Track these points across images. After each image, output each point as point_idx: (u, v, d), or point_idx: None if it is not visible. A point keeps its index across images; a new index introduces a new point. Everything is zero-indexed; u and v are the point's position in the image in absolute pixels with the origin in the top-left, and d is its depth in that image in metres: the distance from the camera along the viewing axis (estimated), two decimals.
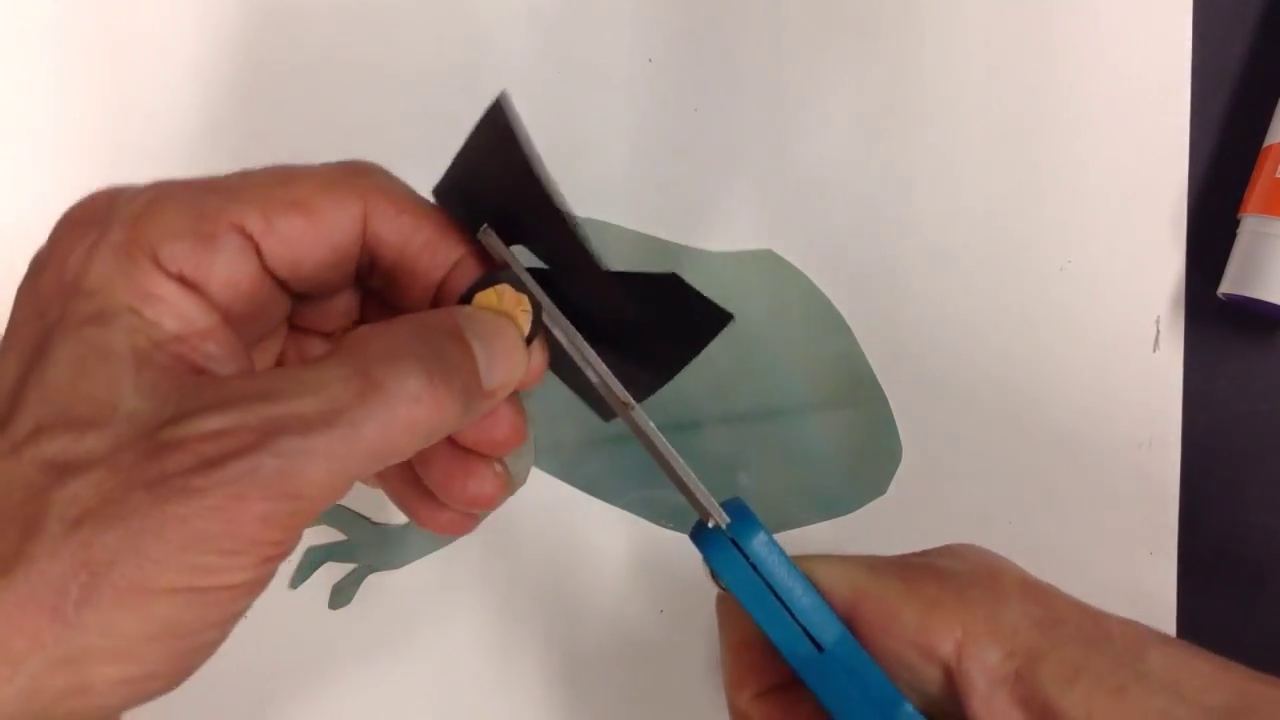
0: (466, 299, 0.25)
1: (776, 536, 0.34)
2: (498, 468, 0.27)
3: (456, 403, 0.22)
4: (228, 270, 0.22)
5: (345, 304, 0.26)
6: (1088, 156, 0.35)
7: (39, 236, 0.32)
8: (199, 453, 0.20)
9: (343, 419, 0.21)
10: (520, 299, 0.25)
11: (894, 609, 0.25)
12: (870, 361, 0.34)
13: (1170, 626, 0.34)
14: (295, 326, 0.26)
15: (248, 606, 0.22)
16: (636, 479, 0.34)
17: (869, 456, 0.34)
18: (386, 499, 0.34)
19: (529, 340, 0.25)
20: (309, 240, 0.23)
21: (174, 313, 0.22)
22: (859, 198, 0.35)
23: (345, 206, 0.24)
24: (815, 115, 0.35)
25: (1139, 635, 0.25)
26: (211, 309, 0.22)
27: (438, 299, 0.25)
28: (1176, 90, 0.35)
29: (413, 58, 0.35)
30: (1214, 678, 0.24)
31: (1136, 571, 0.34)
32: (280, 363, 0.25)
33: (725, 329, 0.28)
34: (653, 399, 0.34)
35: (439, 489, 0.26)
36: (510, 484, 0.27)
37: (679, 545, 0.34)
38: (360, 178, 0.24)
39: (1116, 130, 0.35)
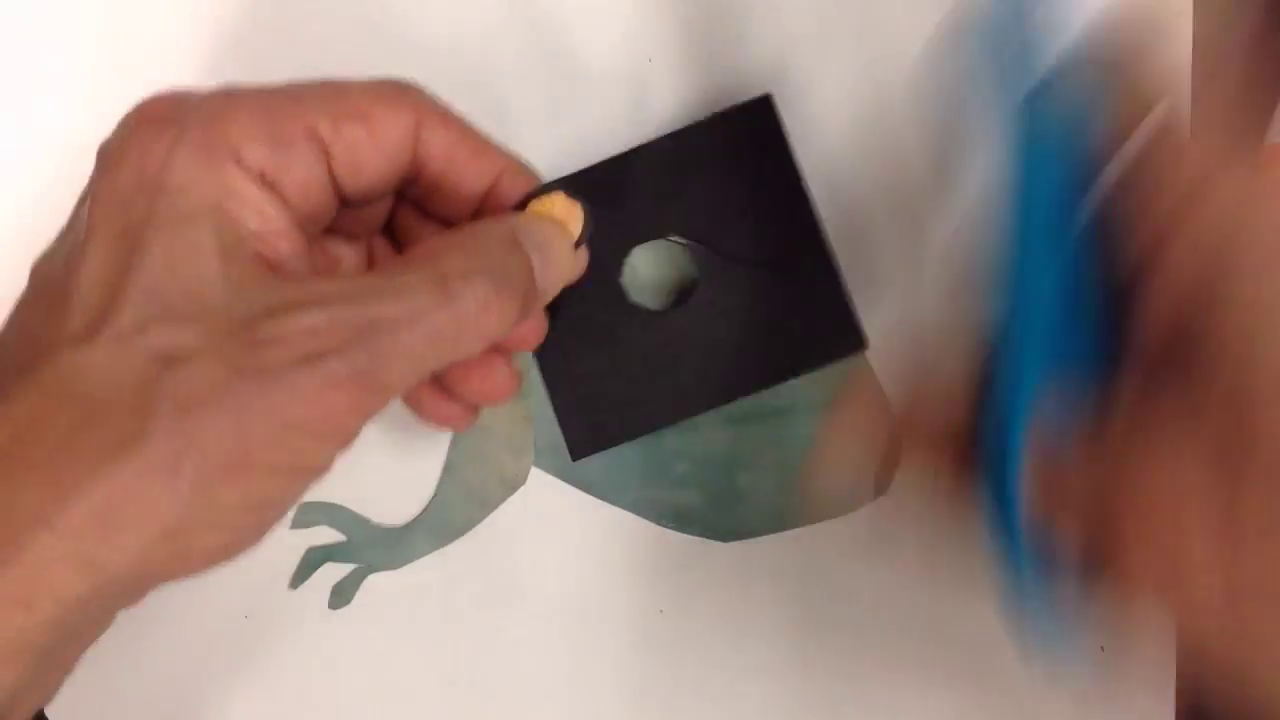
0: (521, 206, 0.28)
1: (776, 537, 0.34)
2: (515, 363, 0.29)
3: (517, 308, 0.25)
4: (303, 172, 0.25)
5: (376, 211, 0.29)
6: None
7: (38, 237, 0.32)
8: (299, 346, 0.22)
9: (423, 323, 0.23)
10: (572, 205, 0.28)
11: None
12: (870, 361, 0.34)
13: (1170, 626, 0.34)
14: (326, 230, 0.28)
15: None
16: (636, 479, 0.34)
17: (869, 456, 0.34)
18: (386, 499, 0.34)
19: (579, 244, 0.28)
20: (369, 148, 0.25)
21: (254, 210, 0.24)
22: (859, 198, 0.35)
23: (399, 117, 0.26)
24: (815, 115, 0.35)
25: None
26: (286, 209, 0.24)
27: (483, 208, 0.28)
28: (1176, 90, 0.35)
29: (413, 57, 0.35)
30: None
31: None
32: (309, 264, 0.26)
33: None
34: None
35: (458, 381, 0.28)
36: (520, 378, 0.29)
37: (679, 545, 0.34)
38: (409, 93, 0.26)
39: None
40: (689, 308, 0.33)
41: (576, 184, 0.29)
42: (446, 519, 0.34)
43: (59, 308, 0.23)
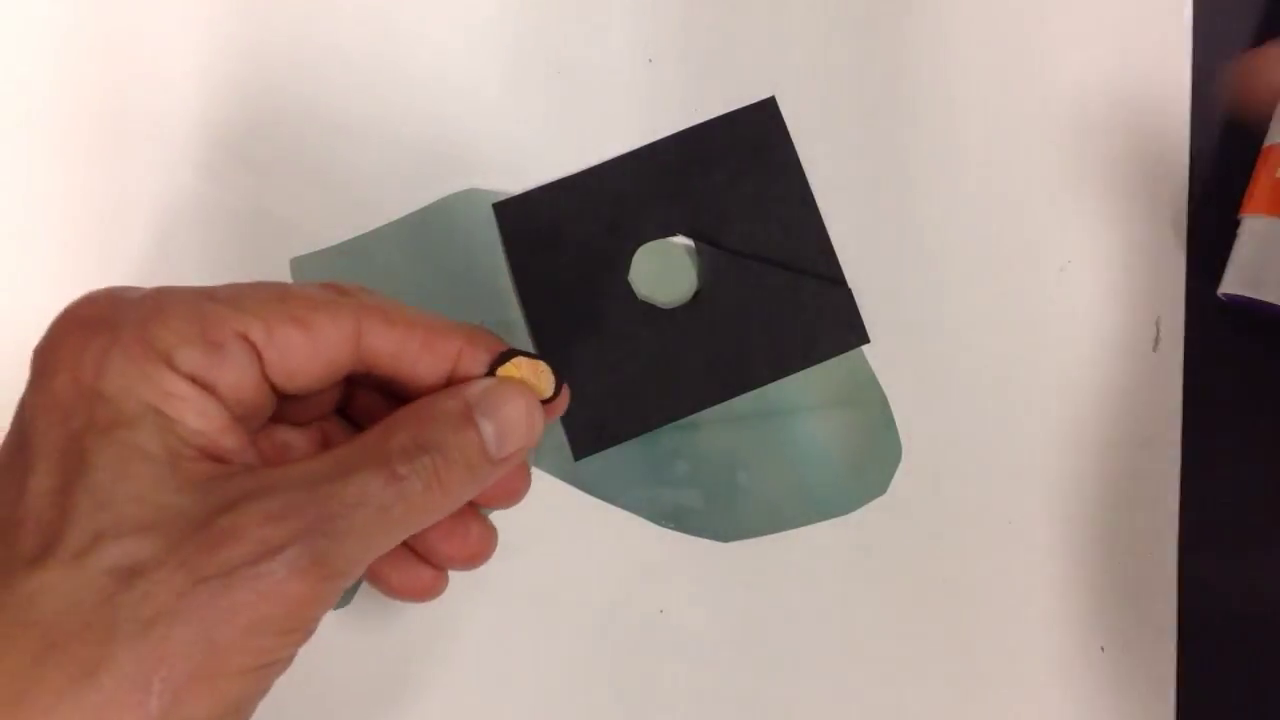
0: (490, 372, 0.27)
1: (776, 537, 0.34)
2: (488, 521, 0.29)
3: (467, 484, 0.25)
4: (235, 375, 0.24)
5: (324, 399, 0.28)
6: (1088, 157, 0.35)
7: (38, 236, 0.32)
8: (256, 539, 0.22)
9: (372, 505, 0.24)
10: (536, 364, 0.28)
11: None
12: (870, 361, 0.34)
13: (1170, 626, 0.34)
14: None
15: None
16: (636, 479, 0.34)
17: (869, 456, 0.34)
18: None
19: (550, 400, 0.28)
20: (305, 352, 0.25)
21: (194, 410, 0.24)
22: (858, 197, 0.35)
23: (339, 323, 0.25)
24: (815, 115, 0.35)
25: None
26: (223, 408, 0.24)
27: (446, 386, 0.27)
28: (1177, 90, 0.35)
29: (413, 57, 0.35)
30: None
31: (1136, 571, 0.34)
32: (255, 455, 0.26)
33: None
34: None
35: (427, 547, 0.28)
36: (495, 536, 0.29)
37: (679, 545, 0.34)
38: (350, 297, 0.26)
39: (1117, 130, 0.35)
40: (694, 305, 0.33)
41: (547, 343, 0.30)
42: None
43: (9, 530, 0.22)
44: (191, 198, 0.34)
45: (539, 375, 0.28)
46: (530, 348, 0.34)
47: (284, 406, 0.27)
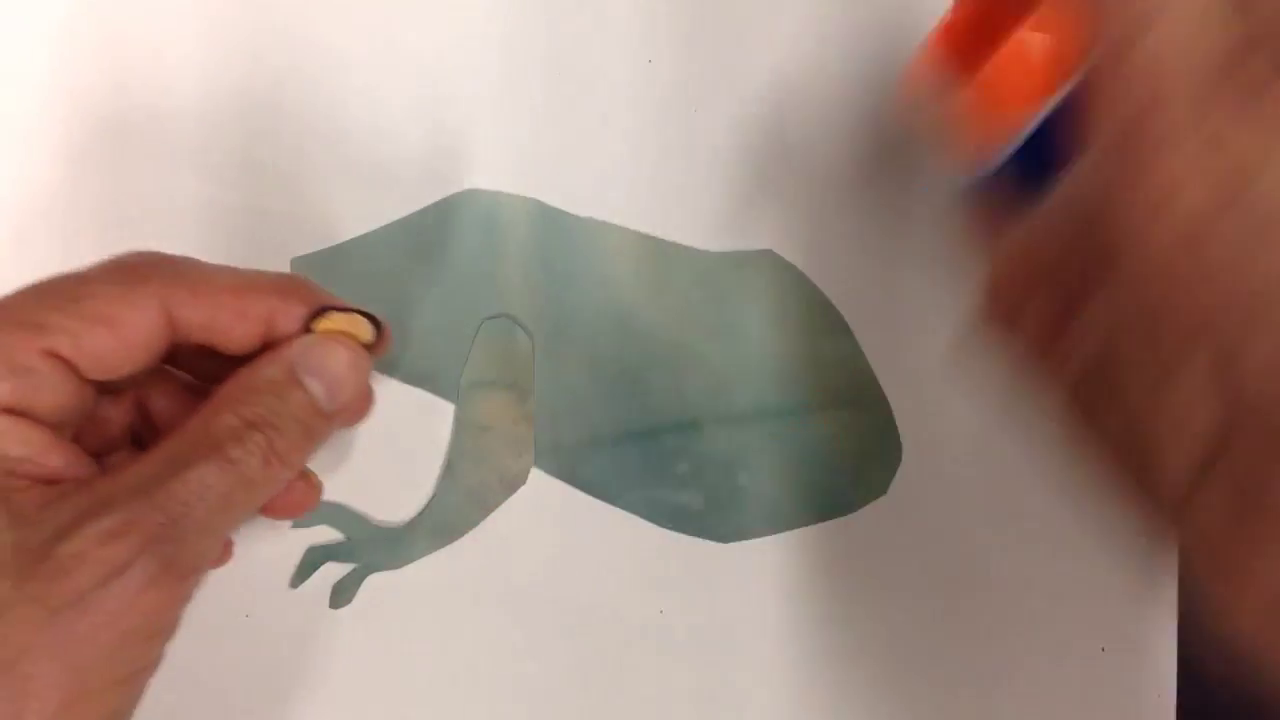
0: (307, 329, 0.27)
1: (776, 537, 0.34)
2: (312, 478, 0.29)
3: (304, 446, 0.26)
4: (49, 394, 0.24)
5: (123, 412, 0.28)
6: None
7: (38, 237, 0.32)
8: (103, 559, 0.22)
9: (211, 496, 0.23)
10: (352, 316, 0.27)
11: None
12: (870, 361, 0.34)
13: (1171, 617, 0.34)
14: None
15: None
16: (636, 479, 0.34)
17: (869, 457, 0.34)
18: (385, 499, 0.34)
19: (375, 348, 0.28)
20: (116, 348, 0.25)
21: (13, 441, 0.23)
22: (859, 198, 0.35)
23: (145, 311, 0.25)
24: (815, 115, 0.35)
25: None
26: (44, 427, 0.24)
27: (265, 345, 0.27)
28: None
29: (413, 57, 0.35)
30: None
31: (1138, 566, 0.34)
32: (87, 463, 0.25)
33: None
34: (654, 398, 0.35)
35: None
36: (320, 489, 0.29)
37: (679, 545, 0.34)
38: (151, 277, 0.25)
39: None
40: None
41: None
42: (446, 519, 0.34)
43: None
44: (191, 198, 0.34)
45: (356, 325, 0.27)
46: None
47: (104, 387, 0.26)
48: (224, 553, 0.29)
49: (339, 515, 0.34)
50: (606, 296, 0.34)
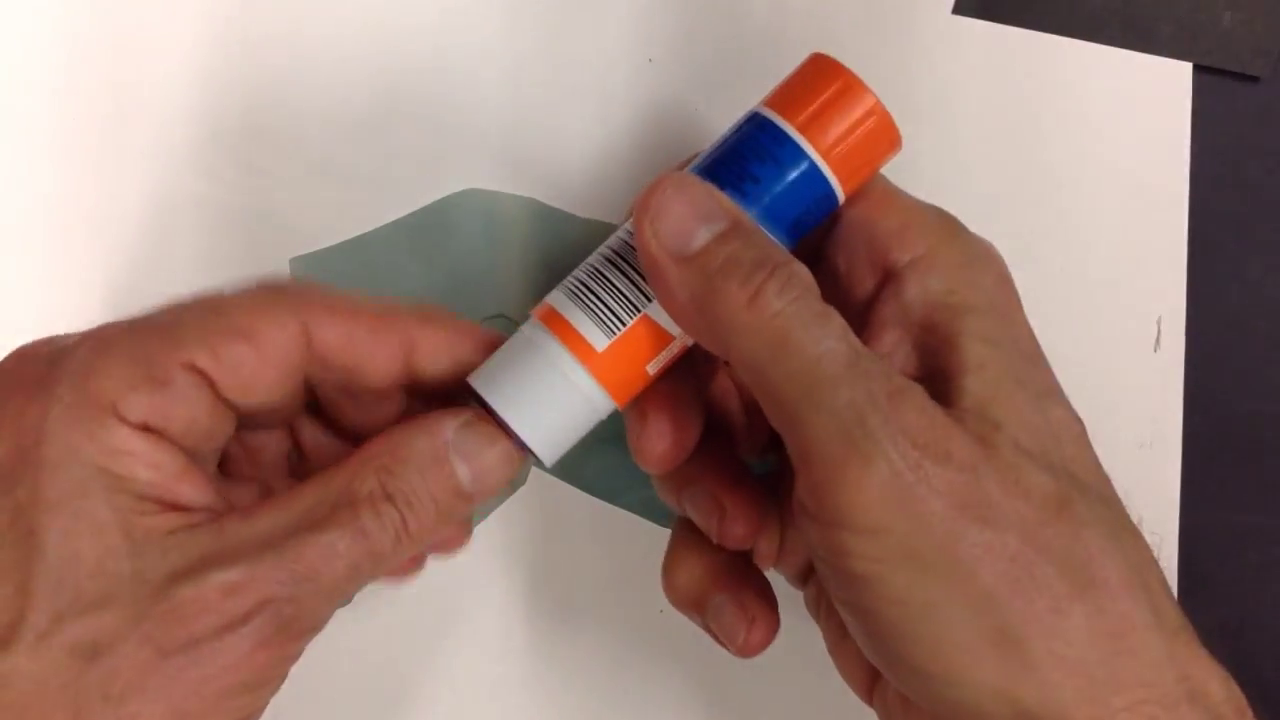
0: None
1: None
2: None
3: (437, 528, 0.25)
4: (187, 410, 0.23)
5: (289, 404, 0.26)
6: (1089, 156, 0.35)
7: (37, 237, 0.32)
8: (221, 610, 0.22)
9: (342, 563, 0.23)
10: None
11: (881, 210, 0.26)
12: None
13: None
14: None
15: None
16: (637, 479, 0.34)
17: None
18: None
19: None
20: (256, 365, 0.24)
21: (145, 463, 0.22)
22: None
23: (284, 324, 0.24)
24: None
25: (1054, 391, 0.25)
26: (178, 450, 0.23)
27: (405, 395, 0.26)
28: (1178, 88, 0.35)
29: (413, 57, 0.35)
30: (1078, 458, 0.24)
31: None
32: (215, 495, 0.25)
33: None
34: None
35: None
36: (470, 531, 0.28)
37: None
38: (288, 293, 0.25)
39: (1117, 130, 0.35)
40: None
41: None
42: None
43: None
44: (191, 198, 0.34)
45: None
46: None
47: (249, 418, 0.25)
48: (410, 566, 0.29)
49: None
50: None
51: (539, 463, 0.26)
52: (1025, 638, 0.21)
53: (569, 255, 0.34)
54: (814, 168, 0.25)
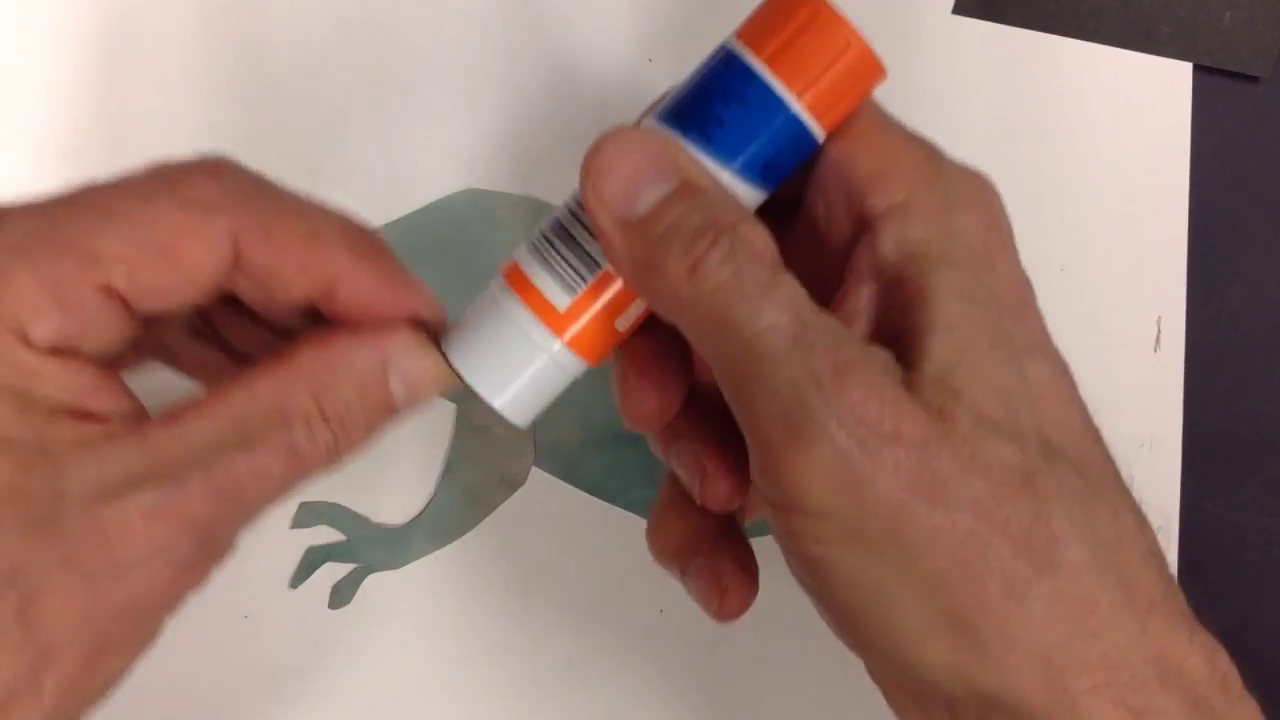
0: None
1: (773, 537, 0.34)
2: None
3: (365, 442, 0.24)
4: (100, 331, 0.22)
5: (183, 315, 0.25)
6: (1089, 156, 0.35)
7: None
8: (149, 536, 0.21)
9: (272, 482, 0.22)
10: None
11: (859, 149, 0.23)
12: None
13: None
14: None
15: None
16: (637, 479, 0.34)
17: None
18: (386, 499, 0.34)
19: None
20: (175, 282, 0.22)
21: (56, 383, 0.21)
22: None
23: (211, 247, 0.22)
24: None
25: (1037, 346, 0.23)
26: (89, 365, 0.22)
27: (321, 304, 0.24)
28: (1178, 88, 0.35)
29: (412, 57, 0.35)
30: (1058, 420, 0.22)
31: None
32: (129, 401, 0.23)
33: None
34: None
35: None
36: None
37: None
38: (226, 203, 0.23)
39: (1117, 130, 0.35)
40: None
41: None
42: (446, 520, 0.34)
43: None
44: None
45: None
46: None
47: (157, 319, 0.24)
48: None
49: (339, 515, 0.34)
50: None
51: (512, 425, 0.25)
52: (976, 622, 0.21)
53: None
54: (783, 107, 0.23)
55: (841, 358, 0.21)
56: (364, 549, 0.34)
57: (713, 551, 0.27)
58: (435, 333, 0.25)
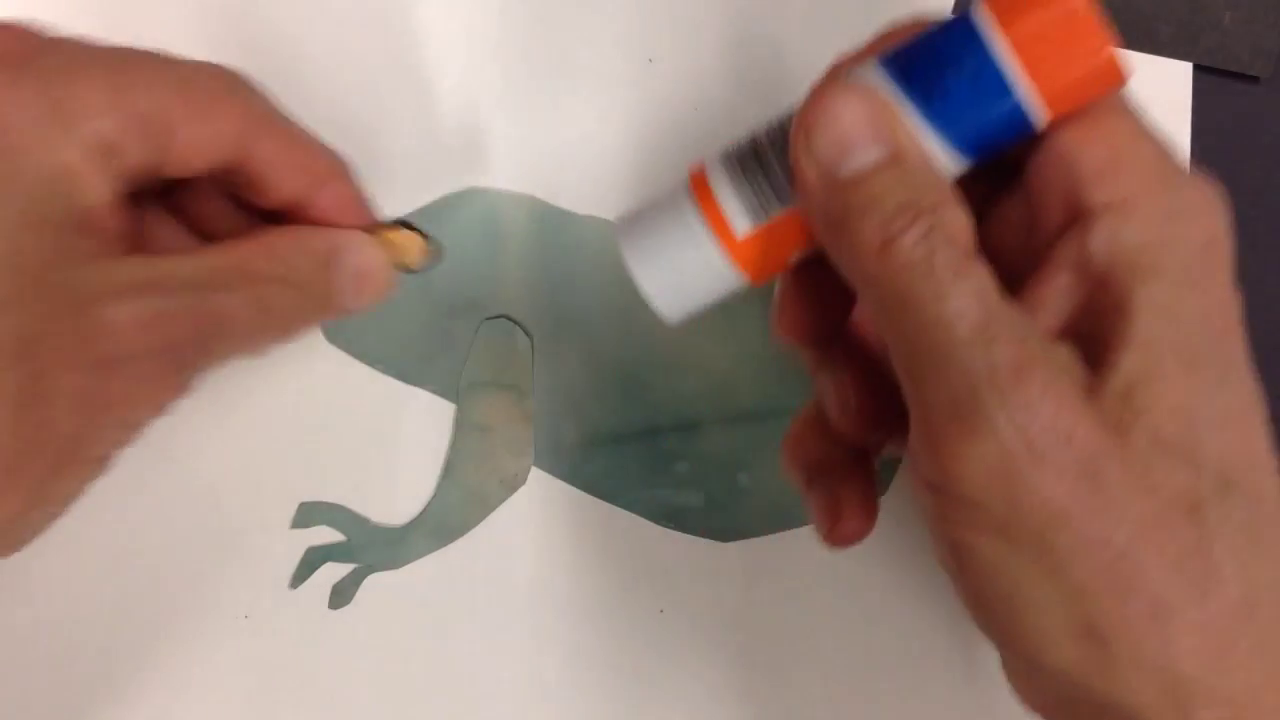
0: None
1: (775, 537, 0.34)
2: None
3: (309, 324, 0.28)
4: (140, 151, 0.24)
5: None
6: None
7: None
8: (134, 339, 0.23)
9: (239, 325, 0.25)
10: (412, 236, 0.29)
11: (1089, 137, 0.23)
12: None
13: None
14: None
15: None
16: (637, 479, 0.34)
17: None
18: (386, 500, 0.34)
19: (413, 269, 0.30)
20: (205, 138, 0.25)
21: (90, 185, 0.23)
22: None
23: (236, 113, 0.26)
24: None
25: (1235, 371, 0.23)
26: (119, 184, 0.24)
27: (297, 207, 0.28)
28: (1178, 88, 0.35)
29: (412, 57, 0.35)
30: (1241, 449, 0.22)
31: None
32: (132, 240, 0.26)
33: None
34: (654, 398, 0.35)
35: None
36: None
37: (679, 545, 0.34)
38: (246, 90, 0.27)
39: None
40: None
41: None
42: (446, 519, 0.34)
43: None
44: None
45: (411, 244, 0.29)
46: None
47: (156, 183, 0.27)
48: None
49: (339, 515, 0.34)
50: (606, 296, 0.34)
51: (665, 319, 0.26)
52: (1112, 637, 0.20)
53: (569, 255, 0.34)
54: (1015, 96, 0.22)
55: (1024, 354, 0.20)
56: (364, 549, 0.34)
57: (838, 476, 0.27)
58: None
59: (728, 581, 0.34)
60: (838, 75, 0.24)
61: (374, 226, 0.28)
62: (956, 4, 0.35)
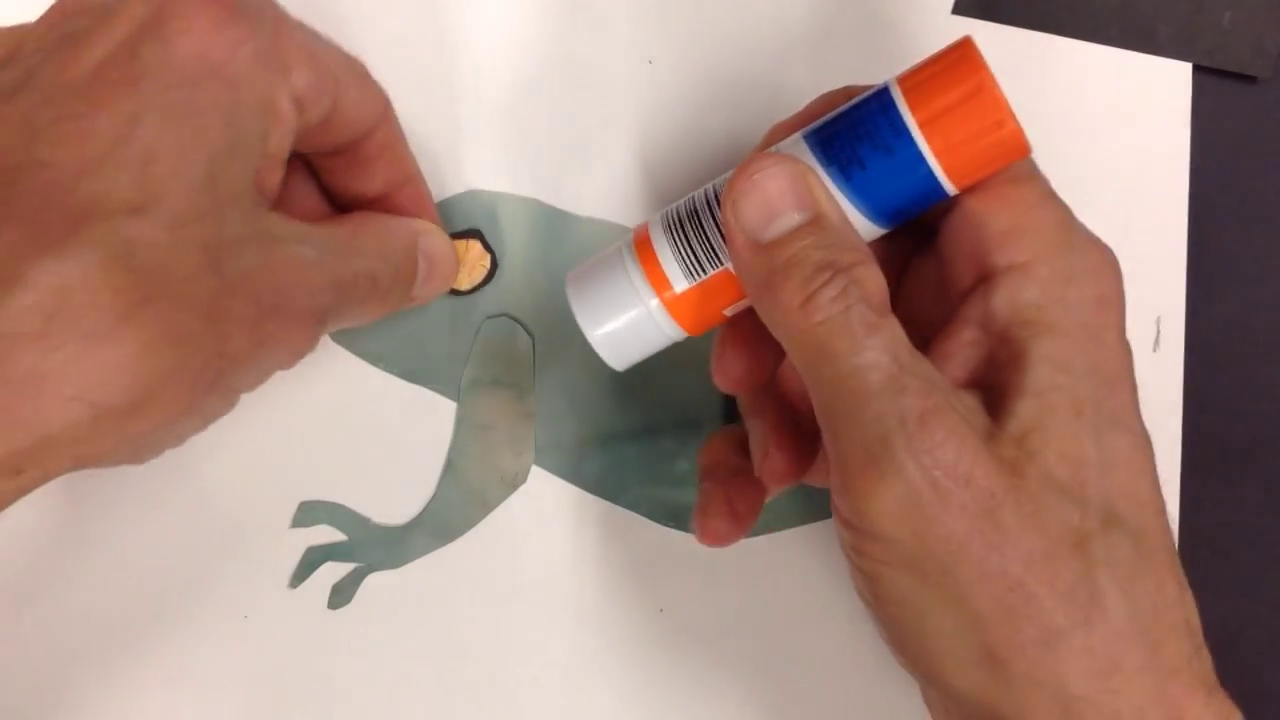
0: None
1: (775, 537, 0.34)
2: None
3: (395, 304, 0.29)
4: (317, 113, 0.26)
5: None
6: (1088, 156, 0.35)
7: None
8: (302, 280, 0.25)
9: (361, 287, 0.27)
10: (483, 255, 0.33)
11: (995, 205, 0.25)
12: None
13: None
14: None
15: None
16: (637, 478, 0.34)
17: None
18: (386, 499, 0.34)
19: (472, 288, 0.33)
20: (352, 118, 0.27)
21: (284, 131, 0.25)
22: None
23: (376, 104, 0.28)
24: None
25: (1123, 419, 0.24)
26: (291, 140, 0.25)
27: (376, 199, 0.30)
28: (1178, 88, 0.35)
29: (412, 58, 0.35)
30: (1127, 490, 0.24)
31: None
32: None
33: None
34: (654, 398, 0.35)
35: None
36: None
37: (679, 545, 0.34)
38: (381, 91, 0.29)
39: (1117, 130, 0.35)
40: None
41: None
42: (446, 519, 0.34)
43: (95, 168, 0.22)
44: None
45: (471, 251, 0.33)
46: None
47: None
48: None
49: (339, 515, 0.34)
50: None
51: (612, 367, 0.28)
52: (1008, 661, 0.22)
53: (569, 255, 0.34)
54: (926, 168, 0.24)
55: (930, 403, 0.22)
56: (364, 549, 0.34)
57: (738, 485, 0.29)
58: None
59: (727, 580, 0.34)
60: (768, 145, 0.26)
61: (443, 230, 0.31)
62: (957, 4, 0.35)
